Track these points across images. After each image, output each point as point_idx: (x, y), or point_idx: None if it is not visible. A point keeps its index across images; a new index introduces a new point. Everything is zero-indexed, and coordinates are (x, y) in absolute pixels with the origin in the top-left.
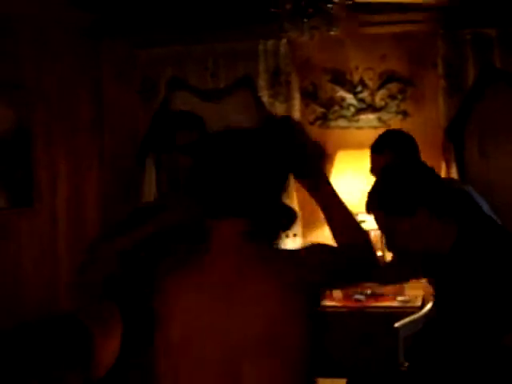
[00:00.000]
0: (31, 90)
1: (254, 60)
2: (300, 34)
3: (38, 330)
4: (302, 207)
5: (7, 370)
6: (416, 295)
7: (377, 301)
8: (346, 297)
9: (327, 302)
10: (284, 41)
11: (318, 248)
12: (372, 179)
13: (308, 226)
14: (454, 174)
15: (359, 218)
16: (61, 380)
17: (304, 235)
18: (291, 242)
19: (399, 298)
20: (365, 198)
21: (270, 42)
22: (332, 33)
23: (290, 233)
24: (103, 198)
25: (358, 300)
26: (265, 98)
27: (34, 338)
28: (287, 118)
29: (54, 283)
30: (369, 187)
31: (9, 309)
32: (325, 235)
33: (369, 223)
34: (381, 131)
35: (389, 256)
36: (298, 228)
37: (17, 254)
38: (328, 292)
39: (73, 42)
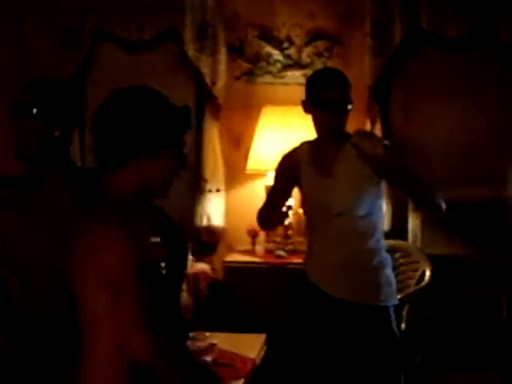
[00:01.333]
0: None
1: (181, 12)
2: None
3: None
4: (225, 162)
5: None
6: None
7: (298, 257)
8: (268, 253)
9: (248, 258)
10: None
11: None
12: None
13: (231, 182)
14: (379, 133)
15: None
16: None
17: (228, 191)
18: (215, 198)
19: None
20: None
21: None
22: None
23: (214, 187)
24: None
25: (280, 256)
26: (190, 51)
27: None
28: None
29: None
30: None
31: None
32: (247, 191)
33: None
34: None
35: None
36: (221, 183)
37: None
38: (250, 248)
39: None
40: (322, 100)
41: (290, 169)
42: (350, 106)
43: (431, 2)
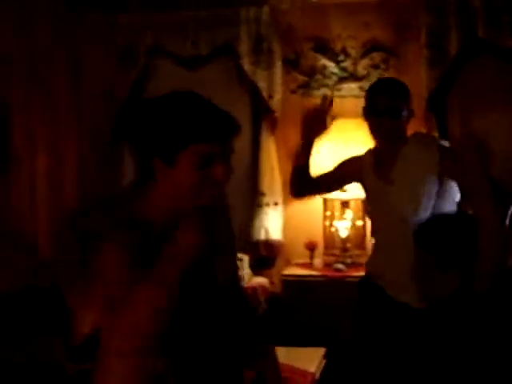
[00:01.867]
0: (8, 59)
1: (236, 27)
2: (281, 0)
3: (18, 299)
4: (282, 176)
5: None
6: None
7: (357, 270)
8: (326, 266)
9: (306, 271)
10: (266, 7)
11: None
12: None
13: (289, 195)
14: None
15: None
16: (46, 347)
17: (285, 204)
18: (273, 211)
19: None
20: None
21: (252, 9)
22: (313, 0)
23: (271, 201)
24: (82, 167)
25: (338, 269)
26: (246, 65)
27: (13, 307)
28: None
29: (34, 252)
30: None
31: None
32: (304, 204)
33: (351, 193)
34: (363, 100)
35: None
36: (279, 197)
37: None
38: (308, 261)
39: (50, 10)
40: (374, 105)
41: (353, 172)
42: (404, 112)
43: (488, 11)
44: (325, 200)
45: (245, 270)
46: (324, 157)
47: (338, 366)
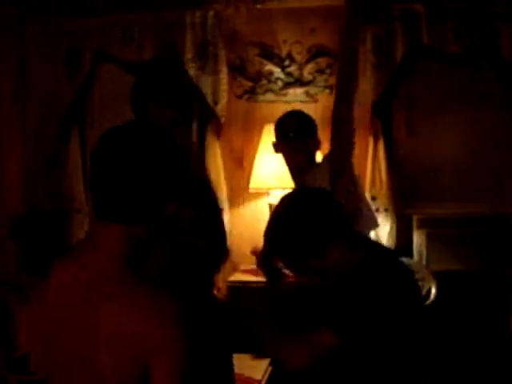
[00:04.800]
0: None
1: (181, 31)
2: (225, 5)
3: None
4: (228, 181)
5: None
6: None
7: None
8: None
9: (252, 277)
10: (211, 12)
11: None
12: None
13: (234, 201)
14: (382, 151)
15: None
16: None
17: (231, 210)
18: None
19: None
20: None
21: (198, 14)
22: (258, 6)
23: None
24: (25, 172)
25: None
26: (191, 70)
27: None
28: None
29: None
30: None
31: None
32: (251, 210)
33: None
34: (309, 105)
35: None
36: (224, 202)
37: None
38: (254, 267)
39: None
40: (283, 129)
41: None
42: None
43: (432, 16)
44: (271, 205)
45: None
46: (271, 163)
47: (283, 373)
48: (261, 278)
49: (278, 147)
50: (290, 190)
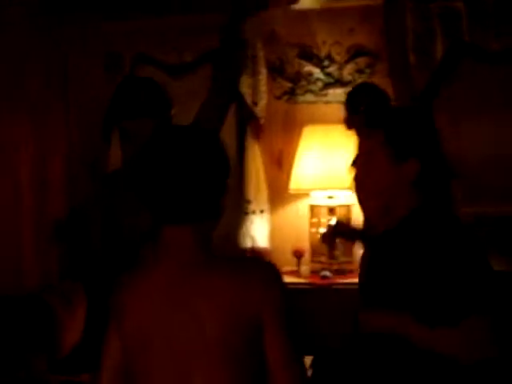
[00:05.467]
0: None
1: (220, 33)
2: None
3: (0, 309)
4: (269, 184)
5: None
6: None
7: (344, 277)
8: (313, 273)
9: (293, 279)
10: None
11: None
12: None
13: (275, 202)
14: None
15: (328, 193)
16: (25, 363)
17: (271, 211)
18: (258, 219)
19: None
20: (333, 173)
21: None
22: (295, 6)
23: (258, 209)
24: (69, 174)
25: (325, 277)
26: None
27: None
28: None
29: (18, 261)
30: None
31: None
32: (291, 211)
33: (338, 199)
34: None
35: None
36: (265, 204)
37: None
38: (295, 268)
39: (35, 18)
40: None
41: None
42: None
43: (472, 13)
44: (311, 206)
45: None
46: (311, 164)
47: (325, 375)
48: (302, 279)
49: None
50: None
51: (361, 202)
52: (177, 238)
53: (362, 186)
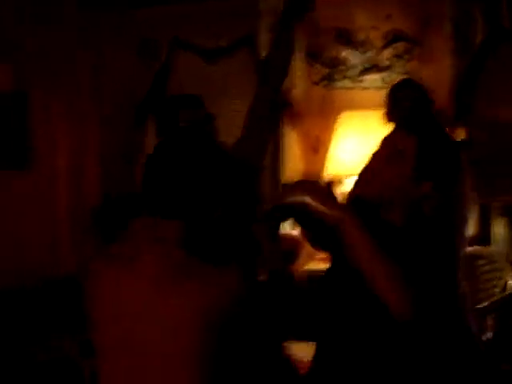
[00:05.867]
0: (30, 53)
1: (256, 18)
2: None
3: (38, 293)
4: (304, 170)
5: (5, 334)
6: None
7: None
8: None
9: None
10: None
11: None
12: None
13: None
14: (462, 135)
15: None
16: (58, 347)
17: None
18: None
19: None
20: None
21: (272, 0)
22: None
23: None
24: (103, 160)
25: None
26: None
27: (33, 301)
28: None
29: (54, 246)
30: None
31: (8, 271)
32: None
33: None
34: (385, 92)
35: None
36: None
37: (16, 217)
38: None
39: (71, 5)
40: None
41: None
42: None
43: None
44: (342, 194)
45: None
46: (347, 150)
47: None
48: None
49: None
50: None
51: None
52: (159, 229)
53: (375, 178)
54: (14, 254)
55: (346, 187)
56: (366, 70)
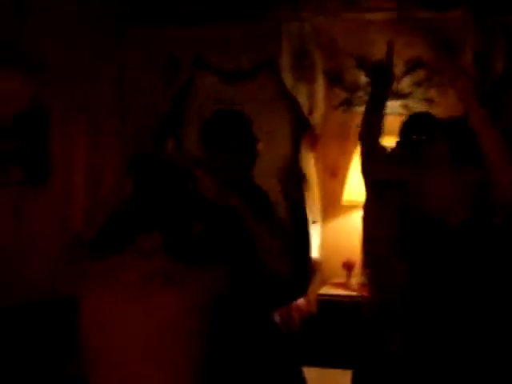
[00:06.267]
0: (52, 67)
1: (278, 41)
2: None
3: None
4: (322, 194)
5: (6, 350)
6: None
7: None
8: (363, 286)
9: (343, 291)
10: (308, 22)
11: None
12: None
13: (327, 213)
14: None
15: None
16: (61, 365)
17: (324, 222)
18: (311, 229)
19: None
20: None
21: (294, 24)
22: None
23: (310, 219)
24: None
25: None
26: (288, 80)
27: (37, 318)
28: None
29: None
30: None
31: (15, 287)
32: (343, 222)
33: None
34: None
35: None
36: (317, 214)
37: (31, 230)
38: (345, 280)
39: (96, 21)
40: None
41: None
42: None
43: None
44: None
45: None
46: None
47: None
48: (352, 292)
49: None
50: None
51: None
52: (146, 242)
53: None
54: (31, 269)
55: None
56: None
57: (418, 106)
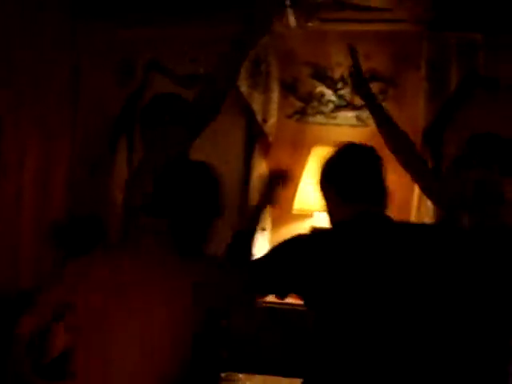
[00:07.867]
0: (0, 69)
1: None
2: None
3: None
4: None
5: None
6: None
7: None
8: None
9: (290, 300)
10: None
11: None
12: None
13: (277, 221)
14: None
15: None
16: (11, 365)
17: (273, 230)
18: (260, 237)
19: None
20: None
21: None
22: (310, 24)
23: (259, 227)
24: (71, 178)
25: None
26: (243, 87)
27: None
28: None
29: (16, 260)
30: None
31: None
32: (293, 230)
33: None
34: (359, 130)
35: None
36: (267, 222)
37: None
38: None
39: (48, 21)
40: None
41: None
42: None
43: (489, 46)
44: (313, 228)
45: None
46: (315, 185)
47: None
48: (295, 301)
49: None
50: None
51: None
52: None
53: None
54: None
55: (314, 221)
56: (340, 107)
57: (371, 118)
